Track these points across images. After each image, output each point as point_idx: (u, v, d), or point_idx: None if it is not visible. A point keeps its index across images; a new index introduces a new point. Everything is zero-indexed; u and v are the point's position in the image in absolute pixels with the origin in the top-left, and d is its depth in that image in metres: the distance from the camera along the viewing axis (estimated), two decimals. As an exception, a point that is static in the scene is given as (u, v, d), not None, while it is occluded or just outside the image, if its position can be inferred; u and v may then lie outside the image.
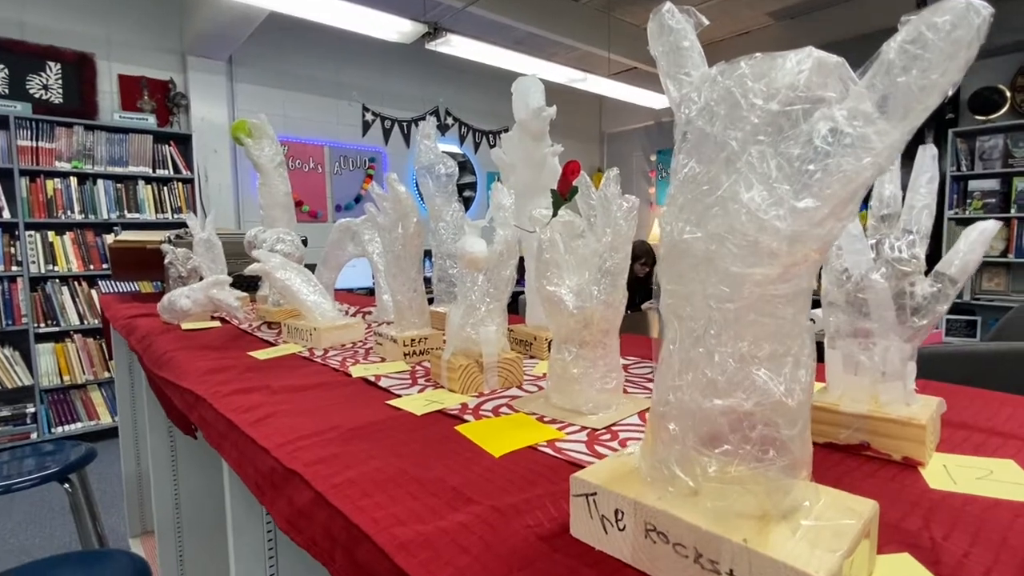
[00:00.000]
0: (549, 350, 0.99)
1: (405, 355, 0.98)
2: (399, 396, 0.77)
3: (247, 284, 1.89)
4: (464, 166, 5.52)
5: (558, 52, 4.92)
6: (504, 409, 0.71)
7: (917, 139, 0.33)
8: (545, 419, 0.67)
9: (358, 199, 4.84)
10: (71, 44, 3.57)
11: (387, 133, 5.03)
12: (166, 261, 1.68)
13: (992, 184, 4.36)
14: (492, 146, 5.62)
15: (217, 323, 1.46)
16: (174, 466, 1.55)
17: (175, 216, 3.79)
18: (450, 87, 5.34)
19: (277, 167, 1.68)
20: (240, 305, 1.24)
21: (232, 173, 4.20)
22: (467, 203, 5.48)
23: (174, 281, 1.64)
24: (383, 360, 0.99)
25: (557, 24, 4.39)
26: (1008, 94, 4.33)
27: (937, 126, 4.63)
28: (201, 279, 1.55)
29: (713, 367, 0.35)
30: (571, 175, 0.63)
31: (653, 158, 6.28)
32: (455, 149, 5.47)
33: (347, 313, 1.55)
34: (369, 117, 4.92)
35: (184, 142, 3.88)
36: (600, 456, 0.54)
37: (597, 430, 0.62)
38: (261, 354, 1.06)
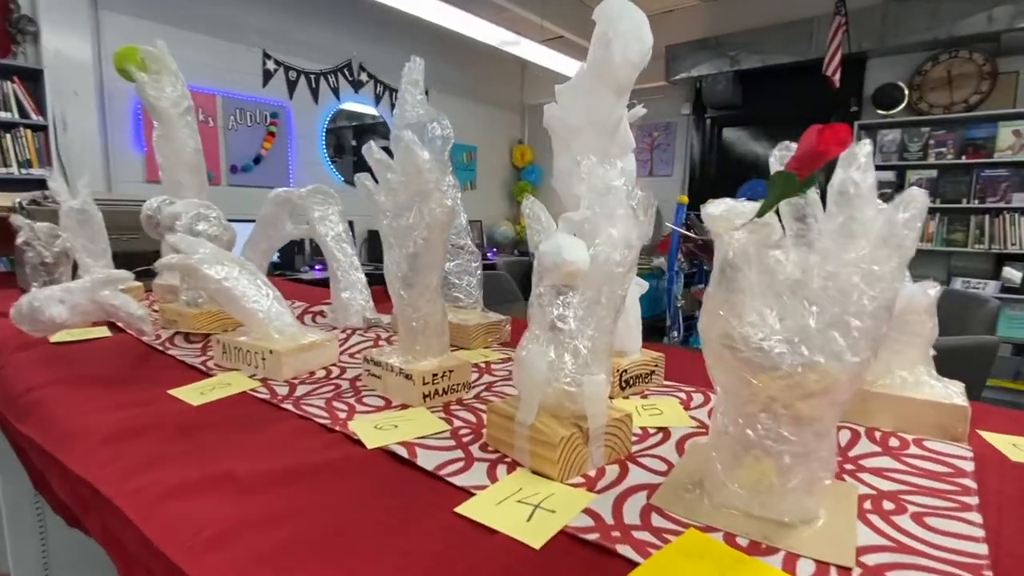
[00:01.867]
0: (622, 386, 0.73)
1: (425, 397, 0.68)
2: (466, 491, 0.48)
3: (134, 264, 1.44)
4: (376, 129, 5.01)
5: (486, 10, 4.55)
6: (654, 522, 0.45)
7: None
8: (738, 539, 0.42)
9: (257, 160, 4.22)
10: None
11: (292, 86, 4.42)
12: (19, 240, 1.20)
13: (889, 176, 4.64)
14: (410, 109, 5.16)
15: (104, 330, 1.04)
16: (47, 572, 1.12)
17: (22, 171, 3.04)
18: (366, 39, 4.79)
19: (183, 114, 1.25)
20: (145, 315, 0.86)
21: (99, 121, 3.45)
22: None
23: (34, 270, 1.17)
24: (388, 404, 0.69)
25: (491, -22, 4.03)
26: (906, 91, 4.60)
27: (843, 118, 4.85)
28: (76, 267, 1.11)
29: None
30: (833, 145, 0.37)
31: (576, 132, 6.12)
32: (370, 110, 4.94)
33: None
34: (271, 66, 4.28)
35: (33, 79, 3.10)
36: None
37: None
38: (191, 394, 0.71)
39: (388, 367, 0.71)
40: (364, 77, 4.88)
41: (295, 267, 4.16)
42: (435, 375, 0.69)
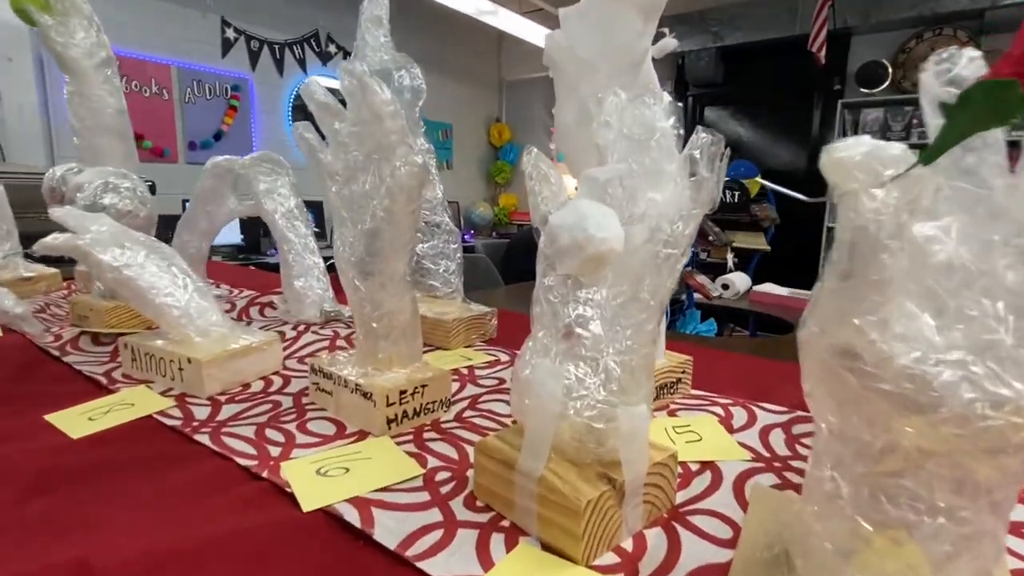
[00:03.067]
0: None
1: (389, 422, 0.51)
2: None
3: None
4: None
5: (463, -22, 4.30)
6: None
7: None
8: None
9: (218, 136, 3.94)
10: None
11: (254, 56, 4.12)
12: None
13: (873, 155, 4.56)
14: (382, 84, 4.90)
15: (-7, 328, 0.84)
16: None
17: (-53, 145, 2.74)
18: (334, 7, 4.49)
19: (100, 66, 1.04)
20: (26, 312, 0.66)
21: (37, 90, 3.15)
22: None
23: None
24: (340, 432, 0.52)
25: (466, -58, 3.78)
26: (890, 69, 4.51)
27: (826, 97, 4.77)
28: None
29: None
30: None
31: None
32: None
33: (234, 311, 1.00)
34: (231, 35, 3.98)
35: (-44, 42, 2.79)
36: None
37: None
38: (73, 421, 0.53)
39: (341, 381, 0.54)
40: (333, 48, 4.60)
41: (260, 250, 3.89)
42: (403, 392, 0.52)
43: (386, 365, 0.54)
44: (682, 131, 0.37)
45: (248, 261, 3.47)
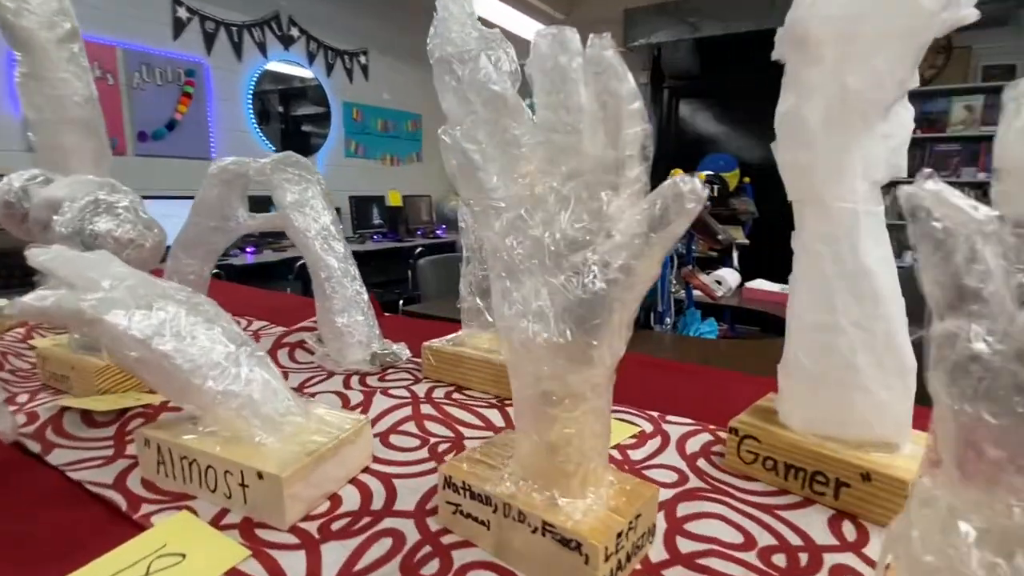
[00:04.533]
0: None
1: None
2: None
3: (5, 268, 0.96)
4: (305, 94, 4.40)
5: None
6: None
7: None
8: None
9: (172, 125, 3.58)
10: None
11: (210, 39, 3.77)
12: None
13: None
14: (348, 70, 4.61)
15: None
16: None
17: None
18: (296, -12, 4.17)
19: (63, 41, 0.81)
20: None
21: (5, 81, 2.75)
22: (314, 147, 4.40)
23: None
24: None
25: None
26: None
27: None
28: None
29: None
30: None
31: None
32: (303, 71, 4.35)
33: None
34: (183, 14, 3.61)
35: None
36: None
37: None
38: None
39: (512, 512, 0.36)
40: (295, 32, 4.27)
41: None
42: (619, 535, 0.34)
43: (566, 481, 0.37)
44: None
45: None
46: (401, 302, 4.13)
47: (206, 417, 0.43)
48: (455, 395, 0.64)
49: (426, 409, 0.59)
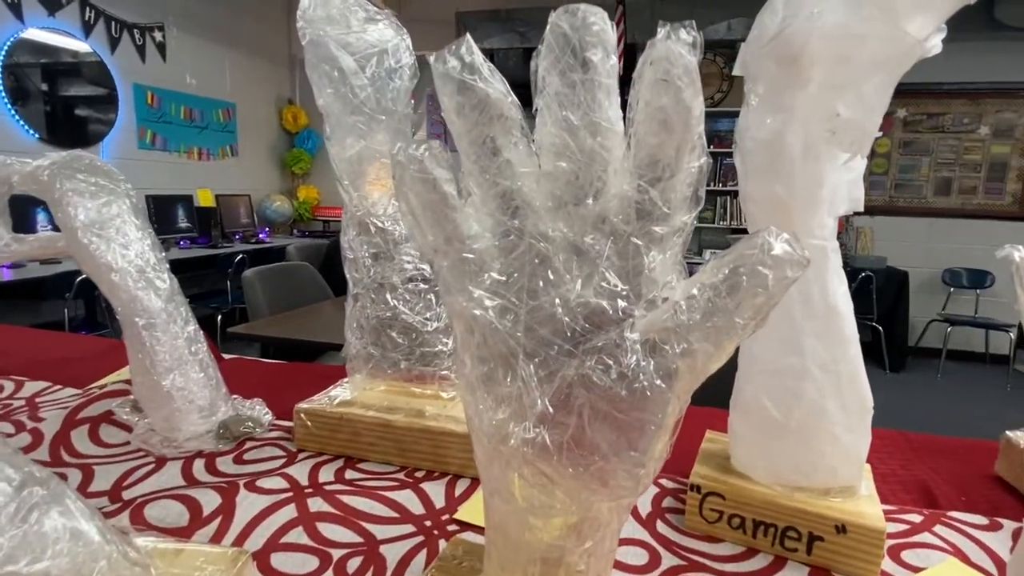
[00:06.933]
0: None
1: None
2: None
3: None
4: (79, 71, 3.63)
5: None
6: None
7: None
8: None
9: None
10: None
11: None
12: None
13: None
14: (140, 46, 3.90)
15: None
16: None
17: None
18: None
19: None
20: None
21: None
22: (94, 134, 3.65)
23: None
24: None
25: None
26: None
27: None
28: None
29: None
30: None
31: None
32: (75, 43, 3.57)
33: (39, 444, 0.56)
34: None
35: None
36: None
37: None
38: None
39: None
40: (66, -6, 3.49)
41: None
42: None
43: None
44: None
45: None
46: (220, 317, 3.60)
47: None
48: (348, 473, 0.50)
49: (315, 504, 0.44)
